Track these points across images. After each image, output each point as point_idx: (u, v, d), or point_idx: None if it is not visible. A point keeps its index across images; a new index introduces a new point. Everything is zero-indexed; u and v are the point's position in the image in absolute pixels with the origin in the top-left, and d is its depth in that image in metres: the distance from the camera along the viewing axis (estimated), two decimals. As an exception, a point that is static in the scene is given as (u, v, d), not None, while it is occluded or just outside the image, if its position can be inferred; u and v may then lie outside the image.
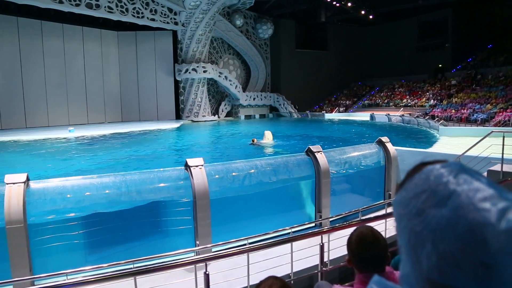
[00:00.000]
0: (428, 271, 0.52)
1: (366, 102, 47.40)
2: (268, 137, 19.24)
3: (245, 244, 4.23)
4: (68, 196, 4.86)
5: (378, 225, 5.35)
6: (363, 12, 44.19)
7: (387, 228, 5.57)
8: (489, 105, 29.56)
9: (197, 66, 37.15)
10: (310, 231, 4.33)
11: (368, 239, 1.88)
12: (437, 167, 0.58)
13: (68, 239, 5.02)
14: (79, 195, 4.91)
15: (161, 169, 5.59)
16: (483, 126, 24.21)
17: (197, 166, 5.36)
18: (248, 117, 45.26)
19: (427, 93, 40.45)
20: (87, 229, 5.20)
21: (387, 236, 5.39)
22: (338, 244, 4.83)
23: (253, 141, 18.78)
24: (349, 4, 42.26)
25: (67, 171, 12.16)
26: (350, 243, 1.92)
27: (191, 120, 38.15)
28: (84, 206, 4.93)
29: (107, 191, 5.07)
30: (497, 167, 7.01)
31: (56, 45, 33.23)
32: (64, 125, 32.42)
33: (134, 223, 5.63)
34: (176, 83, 39.22)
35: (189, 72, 37.15)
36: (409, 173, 0.62)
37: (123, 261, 3.92)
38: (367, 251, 1.85)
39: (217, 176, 5.75)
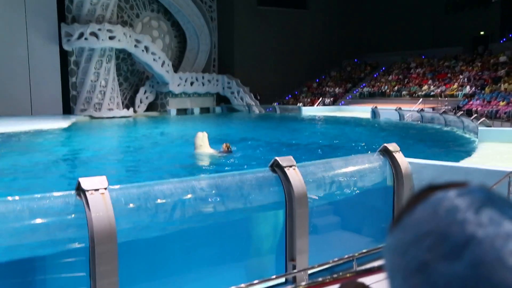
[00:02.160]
0: None
1: (365, 90, 48.60)
2: (200, 143, 18.42)
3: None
4: None
5: (382, 281, 5.53)
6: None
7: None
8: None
9: (99, 29, 36.59)
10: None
11: None
12: (450, 195, 0.58)
13: None
14: None
15: (36, 196, 5.48)
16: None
17: (97, 189, 5.31)
18: (182, 111, 45.00)
19: (461, 76, 41.90)
20: None
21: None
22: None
23: (227, 147, 18.08)
24: None
25: None
26: None
27: (90, 115, 37.61)
28: None
29: None
30: None
31: None
32: None
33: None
34: (64, 55, 38.41)
35: (86, 38, 36.54)
36: (409, 202, 0.62)
37: None
38: None
39: (130, 205, 5.72)
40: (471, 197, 0.56)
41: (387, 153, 8.15)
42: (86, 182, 5.35)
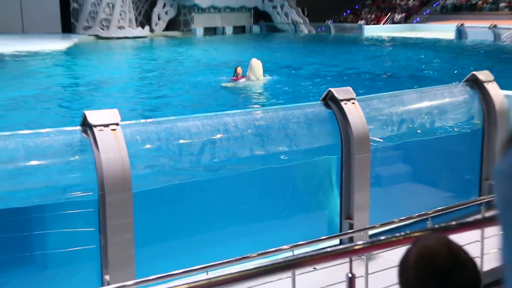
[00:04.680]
0: None
1: (449, 2, 47.55)
2: (255, 72, 19.22)
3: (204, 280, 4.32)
4: None
5: (468, 245, 5.49)
6: None
7: (484, 250, 5.72)
8: None
9: None
10: (330, 250, 4.45)
11: (441, 261, 1.87)
12: None
13: None
14: None
15: (32, 132, 5.56)
16: None
17: (107, 125, 5.36)
18: (211, 31, 44.96)
19: None
20: None
21: (484, 265, 5.56)
22: (385, 279, 5.00)
23: (236, 72, 18.76)
24: None
25: None
26: (406, 267, 1.92)
27: (95, 35, 38.10)
28: None
29: None
30: None
31: None
32: None
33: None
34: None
35: None
36: None
37: None
38: (440, 282, 1.85)
39: (147, 145, 5.79)
40: None
41: (476, 84, 7.96)
42: (93, 116, 5.36)
